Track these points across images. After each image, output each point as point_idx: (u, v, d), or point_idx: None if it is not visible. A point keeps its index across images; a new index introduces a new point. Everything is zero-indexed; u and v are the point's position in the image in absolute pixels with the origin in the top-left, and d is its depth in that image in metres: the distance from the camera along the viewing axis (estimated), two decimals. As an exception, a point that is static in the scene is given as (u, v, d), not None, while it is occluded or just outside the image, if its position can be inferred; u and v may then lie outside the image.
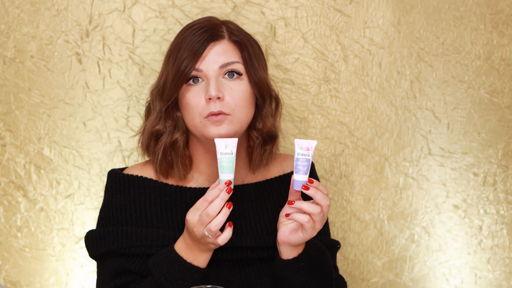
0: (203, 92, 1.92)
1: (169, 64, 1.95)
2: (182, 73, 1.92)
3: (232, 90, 1.93)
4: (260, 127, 2.00)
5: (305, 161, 1.83)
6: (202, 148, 2.00)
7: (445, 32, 2.46)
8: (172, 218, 1.98)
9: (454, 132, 2.48)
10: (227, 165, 1.81)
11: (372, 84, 2.47)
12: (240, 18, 2.42)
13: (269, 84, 2.01)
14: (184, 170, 2.00)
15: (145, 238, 1.94)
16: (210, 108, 1.91)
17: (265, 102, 2.00)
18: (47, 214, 2.42)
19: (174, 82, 1.93)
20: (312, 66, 2.45)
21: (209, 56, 1.93)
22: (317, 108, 2.46)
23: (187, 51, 1.92)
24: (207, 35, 1.94)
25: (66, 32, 2.40)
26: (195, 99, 1.92)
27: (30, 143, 2.41)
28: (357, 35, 2.46)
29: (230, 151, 1.81)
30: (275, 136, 2.03)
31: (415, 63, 2.46)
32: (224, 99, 1.92)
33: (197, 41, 1.93)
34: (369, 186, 2.48)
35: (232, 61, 1.94)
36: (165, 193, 1.99)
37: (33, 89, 2.41)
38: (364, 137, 2.48)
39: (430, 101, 2.47)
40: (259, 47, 2.02)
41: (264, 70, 2.00)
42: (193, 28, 1.96)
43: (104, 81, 2.42)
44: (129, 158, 2.44)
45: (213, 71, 1.93)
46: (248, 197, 2.03)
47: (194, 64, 1.92)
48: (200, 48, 1.92)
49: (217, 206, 1.80)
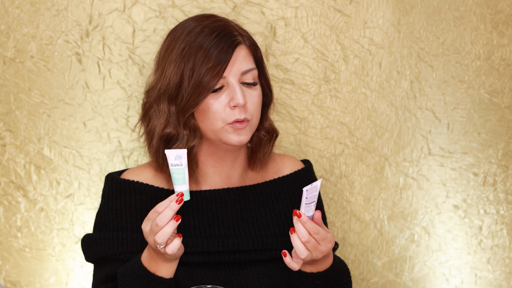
0: (227, 98, 1.90)
1: (183, 69, 1.89)
2: (207, 85, 1.88)
3: (251, 97, 1.93)
4: (267, 125, 2.01)
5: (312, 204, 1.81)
6: (209, 150, 1.99)
7: (445, 32, 2.46)
8: None
9: (454, 132, 2.48)
10: (178, 176, 1.78)
11: (372, 84, 2.46)
12: (240, 18, 2.41)
13: (270, 84, 2.02)
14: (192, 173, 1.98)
15: (141, 244, 1.93)
16: (235, 115, 1.89)
17: (270, 102, 2.02)
18: (47, 214, 2.41)
19: (197, 93, 1.89)
20: (312, 66, 2.45)
21: (234, 64, 1.91)
22: (317, 108, 2.46)
23: (211, 61, 1.88)
24: (227, 43, 1.90)
25: (66, 32, 2.40)
26: (219, 105, 1.90)
27: (30, 143, 2.40)
28: (357, 35, 2.45)
29: (180, 163, 1.78)
30: (277, 133, 2.04)
31: (415, 63, 2.46)
32: (247, 106, 1.92)
33: (220, 49, 1.89)
34: (369, 186, 2.47)
35: (251, 68, 1.93)
36: (161, 198, 1.96)
37: (33, 89, 2.40)
38: (364, 137, 2.47)
39: (430, 101, 2.47)
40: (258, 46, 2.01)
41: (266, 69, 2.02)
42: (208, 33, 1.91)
43: (104, 81, 2.41)
44: (129, 158, 2.43)
45: (236, 78, 1.91)
46: (247, 198, 2.03)
47: (220, 76, 1.89)
48: (224, 58, 1.89)
49: (166, 216, 1.76)
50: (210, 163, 2.01)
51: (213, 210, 2.00)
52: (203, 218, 1.99)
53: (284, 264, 1.98)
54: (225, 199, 2.01)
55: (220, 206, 2.01)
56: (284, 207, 2.05)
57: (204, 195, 2.01)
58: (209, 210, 2.00)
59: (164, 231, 1.76)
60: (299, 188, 2.07)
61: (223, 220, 2.00)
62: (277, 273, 1.99)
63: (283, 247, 1.97)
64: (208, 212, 2.00)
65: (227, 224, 1.99)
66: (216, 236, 1.97)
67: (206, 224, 1.98)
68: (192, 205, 1.99)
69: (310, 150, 2.46)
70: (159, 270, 1.85)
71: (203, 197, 2.00)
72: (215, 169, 2.02)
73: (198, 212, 1.99)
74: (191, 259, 1.95)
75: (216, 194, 2.02)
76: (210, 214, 2.00)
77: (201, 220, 1.99)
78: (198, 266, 1.96)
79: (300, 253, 1.81)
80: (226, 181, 2.03)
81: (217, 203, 2.01)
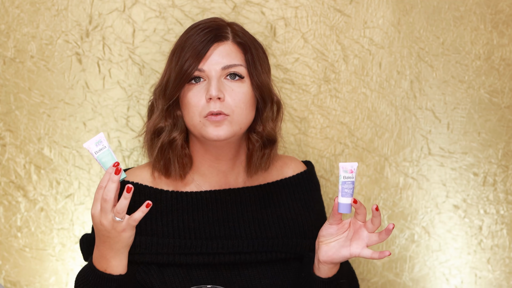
0: (204, 92, 1.92)
1: (172, 63, 1.95)
2: (185, 73, 1.92)
3: (233, 92, 1.93)
4: (260, 130, 1.99)
5: (351, 184, 1.83)
6: (202, 149, 2.00)
7: (445, 32, 2.46)
8: (168, 225, 1.97)
9: (454, 132, 2.48)
10: (106, 158, 1.81)
11: (372, 84, 2.46)
12: (240, 18, 2.41)
13: (271, 88, 2.00)
14: (182, 170, 1.98)
15: (138, 245, 1.93)
16: (210, 107, 1.91)
17: (266, 106, 1.99)
18: (47, 214, 2.41)
19: (176, 81, 1.92)
20: (312, 66, 2.45)
21: (212, 57, 1.93)
22: (317, 108, 2.46)
23: (191, 51, 1.92)
24: (211, 36, 1.94)
25: (66, 32, 2.40)
26: (196, 98, 1.92)
27: (30, 143, 2.40)
28: (357, 35, 2.45)
29: (103, 146, 1.81)
30: (274, 140, 2.01)
31: (415, 63, 2.46)
32: (224, 100, 1.92)
33: (201, 41, 1.93)
34: (369, 186, 2.47)
35: (234, 64, 1.94)
36: (160, 200, 1.98)
37: (33, 89, 2.40)
38: (364, 137, 2.47)
39: (430, 101, 2.47)
40: (263, 51, 2.02)
41: (267, 74, 2.00)
42: (197, 28, 1.96)
43: (104, 81, 2.41)
44: (129, 158, 2.43)
45: (215, 72, 1.93)
46: (247, 200, 2.02)
47: (197, 64, 1.92)
48: (203, 49, 1.93)
49: (111, 189, 1.79)
50: (207, 162, 2.01)
51: (213, 211, 2.00)
52: (203, 219, 1.99)
53: (286, 266, 1.99)
54: (225, 200, 2.01)
55: (220, 207, 2.00)
56: (286, 209, 2.05)
57: (204, 196, 2.01)
58: (209, 211, 2.00)
59: (122, 204, 1.78)
60: (301, 190, 2.08)
61: (223, 221, 1.99)
62: (278, 274, 1.99)
63: (284, 249, 1.99)
64: (208, 213, 1.99)
65: (227, 225, 1.99)
66: (216, 237, 1.97)
67: (206, 225, 1.98)
68: (192, 206, 1.99)
69: (310, 150, 2.46)
70: (110, 267, 1.86)
71: (203, 197, 2.00)
72: (212, 169, 2.01)
73: (198, 213, 1.99)
74: (191, 260, 1.95)
75: (216, 195, 2.01)
76: (210, 215, 1.99)
77: (201, 221, 1.99)
78: (197, 267, 1.96)
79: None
80: (225, 181, 2.03)
81: (217, 204, 2.01)
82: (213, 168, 2.01)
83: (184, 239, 1.95)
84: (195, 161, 2.01)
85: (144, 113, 2.37)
